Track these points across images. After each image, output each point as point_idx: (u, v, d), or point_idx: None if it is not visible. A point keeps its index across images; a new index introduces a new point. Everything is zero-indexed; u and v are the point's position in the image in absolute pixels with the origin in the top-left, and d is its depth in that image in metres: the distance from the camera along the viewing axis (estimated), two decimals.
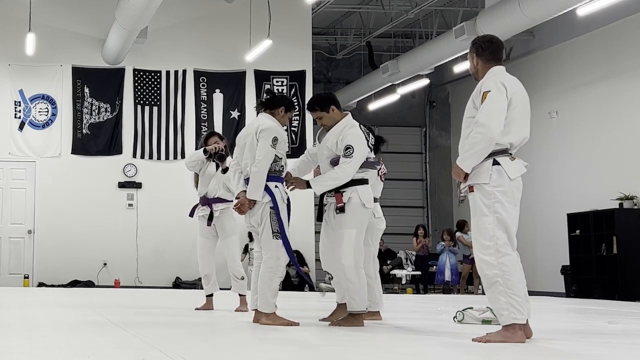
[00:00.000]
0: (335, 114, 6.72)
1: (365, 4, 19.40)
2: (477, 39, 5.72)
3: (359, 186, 6.55)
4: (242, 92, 18.30)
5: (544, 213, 18.01)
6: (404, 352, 4.95)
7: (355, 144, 6.49)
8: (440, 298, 14.32)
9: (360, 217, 6.53)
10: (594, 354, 4.91)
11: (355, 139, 6.52)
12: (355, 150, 6.47)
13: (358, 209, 6.51)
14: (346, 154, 6.48)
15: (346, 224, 6.50)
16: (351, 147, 6.47)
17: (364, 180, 6.61)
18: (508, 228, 5.28)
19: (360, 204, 6.52)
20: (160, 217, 17.53)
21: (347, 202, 6.51)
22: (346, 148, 6.49)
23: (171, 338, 5.39)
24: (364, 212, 6.56)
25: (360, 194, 6.52)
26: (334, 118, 6.71)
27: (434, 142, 23.28)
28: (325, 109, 6.70)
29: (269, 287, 6.52)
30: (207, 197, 8.77)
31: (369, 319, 7.35)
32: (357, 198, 6.51)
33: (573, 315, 9.94)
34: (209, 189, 8.77)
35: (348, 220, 6.50)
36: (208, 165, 8.79)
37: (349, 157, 6.46)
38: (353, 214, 6.50)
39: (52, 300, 10.62)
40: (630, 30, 16.01)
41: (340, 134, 6.58)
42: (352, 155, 6.46)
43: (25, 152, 17.43)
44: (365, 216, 6.60)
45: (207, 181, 8.80)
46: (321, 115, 6.72)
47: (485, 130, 5.26)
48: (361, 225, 6.56)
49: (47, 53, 17.47)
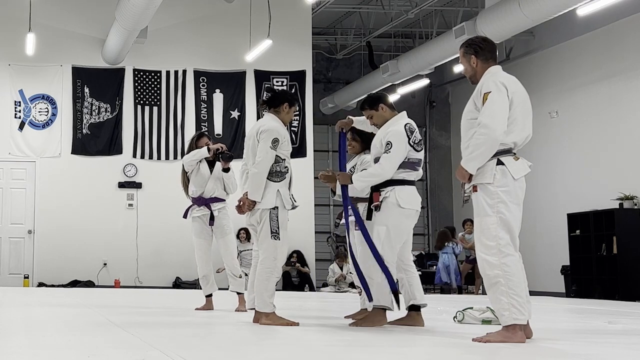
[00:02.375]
0: (385, 113, 6.76)
1: (365, 4, 19.39)
2: (470, 40, 5.68)
3: (398, 186, 6.52)
4: (242, 92, 18.31)
5: (544, 213, 18.00)
6: (404, 352, 4.95)
7: (395, 140, 6.49)
8: (440, 298, 14.31)
9: (393, 216, 6.49)
10: (594, 354, 4.90)
11: (395, 135, 6.52)
12: (393, 146, 6.48)
13: (393, 207, 6.48)
14: (385, 149, 6.50)
15: (378, 221, 6.51)
16: (390, 143, 6.49)
17: (404, 181, 6.56)
18: (511, 228, 5.27)
19: (396, 204, 6.48)
20: (160, 217, 17.53)
21: (384, 200, 6.50)
22: (386, 144, 6.51)
23: (171, 338, 5.39)
24: (398, 211, 6.50)
25: (398, 194, 6.49)
26: (384, 116, 6.75)
27: (434, 142, 23.27)
28: (374, 107, 6.76)
29: (266, 287, 6.52)
30: (204, 197, 8.75)
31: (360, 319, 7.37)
32: (393, 197, 6.49)
33: (573, 315, 9.93)
34: (206, 189, 8.74)
35: (380, 218, 6.50)
36: (200, 166, 8.77)
37: (387, 152, 6.48)
38: (386, 212, 6.49)
39: (52, 300, 10.62)
40: (630, 31, 16.01)
41: (385, 131, 6.62)
42: (390, 150, 6.47)
43: (25, 152, 17.43)
44: (400, 216, 6.53)
45: (200, 181, 8.76)
46: (371, 113, 6.79)
47: (489, 131, 5.26)
48: (394, 224, 6.50)
49: (47, 53, 17.47)
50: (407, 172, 6.57)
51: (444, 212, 22.85)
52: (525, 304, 5.20)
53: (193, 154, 8.80)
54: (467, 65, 5.63)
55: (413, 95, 22.77)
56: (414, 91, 22.21)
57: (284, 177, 6.62)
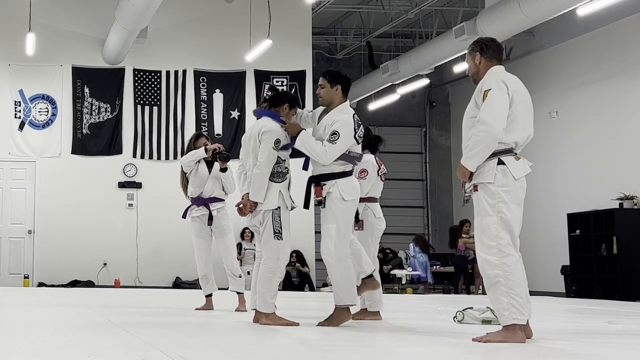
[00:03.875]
0: (337, 95, 6.64)
1: (365, 4, 19.39)
2: (478, 39, 5.73)
3: (340, 179, 6.43)
4: (242, 92, 18.31)
5: (544, 213, 18.01)
6: (404, 352, 4.95)
7: (342, 132, 6.38)
8: (440, 298, 14.31)
9: (340, 211, 6.40)
10: (594, 354, 4.90)
11: (342, 126, 6.40)
12: (340, 137, 6.37)
13: (338, 202, 6.39)
14: (331, 139, 6.37)
15: (326, 219, 6.44)
16: (337, 133, 6.37)
17: (345, 172, 6.46)
18: (511, 228, 5.27)
19: (340, 198, 6.39)
20: (160, 217, 17.53)
21: (327, 196, 6.42)
22: (332, 133, 6.39)
23: (171, 338, 5.39)
24: (344, 205, 6.40)
25: (340, 187, 6.40)
26: (333, 97, 6.63)
27: (434, 142, 23.28)
28: (331, 82, 6.66)
29: (268, 288, 6.51)
30: (203, 197, 8.75)
31: (369, 319, 7.37)
32: (336, 192, 6.39)
33: (573, 315, 9.93)
34: (205, 189, 8.75)
35: (328, 215, 6.43)
36: (199, 166, 8.79)
37: (332, 142, 6.35)
38: (332, 208, 6.40)
39: (52, 300, 10.62)
40: (630, 30, 16.01)
41: (332, 119, 6.50)
42: (336, 142, 6.35)
43: (25, 152, 17.43)
44: (346, 209, 6.43)
45: (199, 182, 8.77)
46: (325, 85, 6.66)
47: (488, 127, 5.25)
48: (343, 219, 6.41)
49: (47, 53, 17.47)
50: (347, 165, 6.49)
51: (444, 212, 22.85)
52: (525, 304, 5.20)
53: (191, 155, 8.81)
54: (471, 63, 5.63)
55: (413, 95, 22.78)
56: (414, 91, 22.22)
57: (284, 178, 6.60)
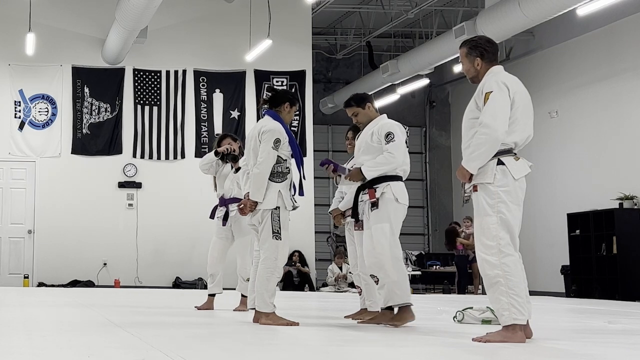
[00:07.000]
0: (371, 112, 6.81)
1: (365, 4, 19.39)
2: (474, 42, 5.61)
3: (392, 182, 6.55)
4: (242, 92, 18.31)
5: (544, 213, 18.01)
6: (404, 352, 4.95)
7: (395, 131, 6.54)
8: (440, 298, 14.31)
9: (394, 212, 6.52)
10: (594, 354, 4.90)
11: (393, 127, 6.58)
12: (396, 135, 6.51)
13: (391, 204, 6.51)
14: (388, 139, 6.51)
15: (379, 219, 6.51)
16: (392, 133, 6.53)
17: (397, 176, 6.60)
18: (511, 228, 5.27)
19: (393, 199, 6.51)
20: (160, 217, 17.54)
21: (380, 197, 6.52)
22: (387, 134, 6.54)
23: (171, 338, 5.39)
24: (397, 207, 6.54)
25: (394, 190, 6.52)
26: (369, 115, 6.80)
27: (434, 142, 23.28)
28: (361, 105, 6.80)
29: (266, 288, 6.52)
30: (224, 197, 8.84)
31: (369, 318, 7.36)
32: (390, 193, 6.51)
33: (573, 315, 9.93)
34: (225, 190, 8.85)
35: (382, 215, 6.51)
36: (224, 167, 8.87)
37: (392, 141, 6.49)
38: (386, 208, 6.50)
39: (52, 300, 10.61)
40: (630, 30, 16.01)
41: (376, 125, 6.64)
42: (394, 139, 6.50)
43: (25, 152, 17.43)
44: (399, 211, 6.56)
45: (221, 182, 8.91)
46: (356, 111, 6.81)
47: (490, 130, 5.25)
48: (395, 219, 6.53)
49: (47, 53, 17.46)
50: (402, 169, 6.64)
51: (443, 212, 22.85)
52: (525, 304, 5.20)
53: (203, 159, 9.04)
54: (470, 67, 5.59)
55: (413, 95, 22.78)
56: (414, 91, 22.22)
57: (285, 178, 6.61)
